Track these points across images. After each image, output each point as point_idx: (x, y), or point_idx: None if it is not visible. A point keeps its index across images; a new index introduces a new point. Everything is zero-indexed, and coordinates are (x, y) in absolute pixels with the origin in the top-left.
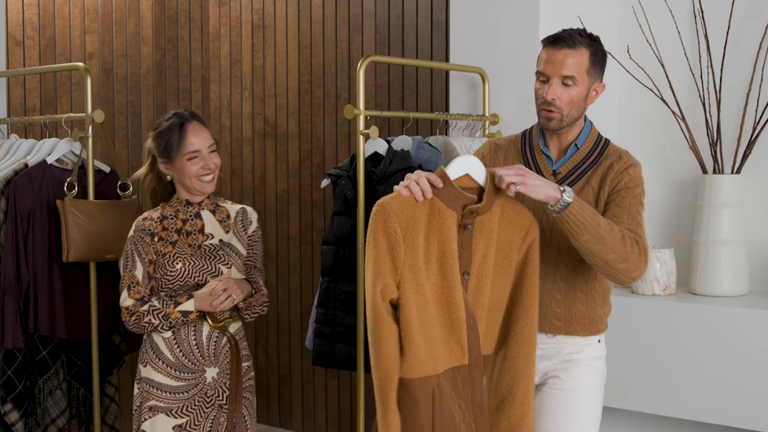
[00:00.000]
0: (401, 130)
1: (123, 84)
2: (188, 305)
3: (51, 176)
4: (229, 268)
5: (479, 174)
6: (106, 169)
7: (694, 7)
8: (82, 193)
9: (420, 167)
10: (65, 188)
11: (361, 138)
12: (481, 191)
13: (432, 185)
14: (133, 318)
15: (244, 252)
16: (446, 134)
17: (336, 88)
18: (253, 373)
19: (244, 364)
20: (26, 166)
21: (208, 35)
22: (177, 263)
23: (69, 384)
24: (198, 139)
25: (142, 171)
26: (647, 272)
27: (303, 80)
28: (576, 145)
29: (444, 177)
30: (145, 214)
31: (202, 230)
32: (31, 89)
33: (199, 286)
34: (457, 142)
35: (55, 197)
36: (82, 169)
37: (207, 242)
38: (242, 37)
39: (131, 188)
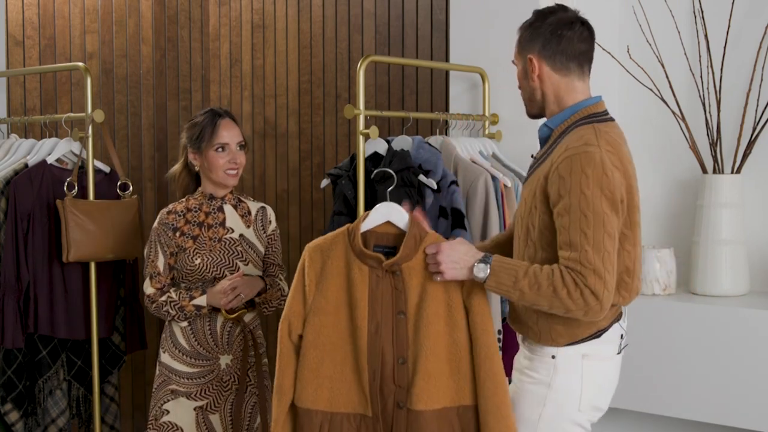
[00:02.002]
0: (401, 130)
1: (123, 84)
2: (201, 300)
3: (51, 176)
4: (246, 264)
5: (400, 220)
6: (106, 169)
7: (694, 7)
8: (82, 193)
9: (420, 167)
10: (65, 188)
11: (361, 138)
12: (402, 236)
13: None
14: (153, 305)
15: (261, 249)
16: (446, 134)
17: (336, 88)
18: (266, 359)
19: (260, 351)
20: (26, 166)
21: (208, 35)
22: (196, 259)
23: (69, 384)
24: (229, 133)
25: (177, 167)
26: (647, 272)
27: (303, 80)
28: (547, 125)
29: (354, 232)
30: (170, 207)
31: (223, 224)
32: (31, 89)
33: (216, 279)
34: (457, 141)
35: (55, 197)
36: (82, 169)
37: (227, 236)
38: (242, 37)
39: (131, 188)
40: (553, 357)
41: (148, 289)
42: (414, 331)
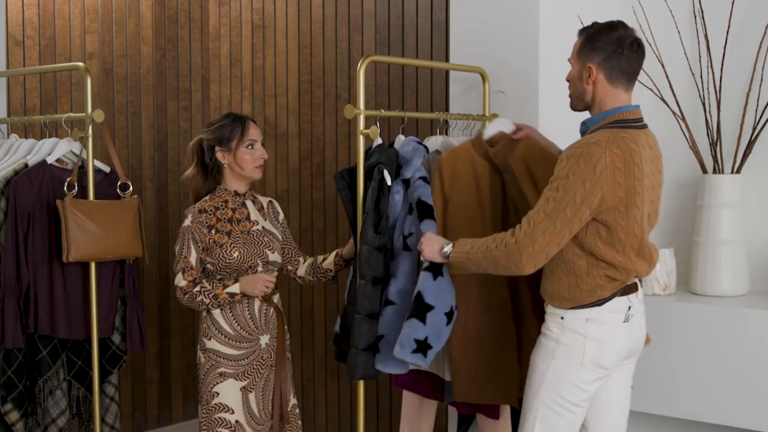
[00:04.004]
0: (402, 129)
1: (123, 84)
2: (234, 288)
3: (51, 176)
4: (273, 252)
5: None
6: (106, 169)
7: (694, 7)
8: (82, 193)
9: (399, 165)
10: (65, 188)
11: (361, 138)
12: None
13: None
14: (186, 296)
15: (279, 236)
16: (446, 134)
17: (336, 88)
18: (289, 335)
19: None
20: (26, 166)
21: (208, 35)
22: (234, 252)
23: (69, 384)
24: (256, 131)
25: (191, 171)
26: None
27: (303, 80)
28: (585, 123)
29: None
30: (199, 206)
31: (248, 218)
32: (31, 89)
33: (251, 268)
34: (458, 142)
35: (55, 197)
36: (82, 169)
37: (254, 228)
38: (242, 37)
39: (131, 188)
40: (562, 318)
41: (181, 282)
42: None
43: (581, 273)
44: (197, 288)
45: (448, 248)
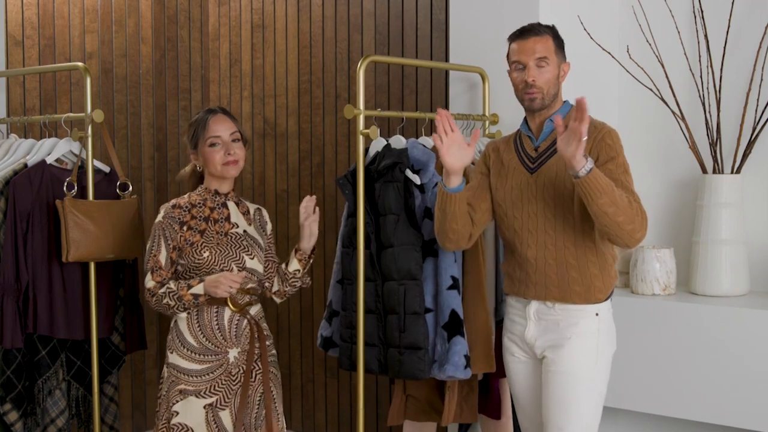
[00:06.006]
0: (402, 130)
1: (122, 84)
2: (198, 289)
3: (50, 176)
4: (252, 258)
5: None
6: (106, 169)
7: (694, 7)
8: (82, 193)
9: (411, 167)
10: (65, 188)
11: (361, 138)
12: None
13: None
14: (154, 299)
15: (263, 245)
16: None
17: (336, 88)
18: (274, 350)
19: (266, 343)
20: (26, 165)
21: (207, 35)
22: (204, 252)
23: (68, 384)
24: (220, 127)
25: (187, 169)
26: (647, 272)
27: (303, 80)
28: (551, 119)
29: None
30: (174, 202)
31: (228, 219)
32: (30, 89)
33: (223, 272)
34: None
35: (54, 197)
36: (82, 168)
37: (233, 230)
38: (242, 37)
39: (131, 188)
40: (597, 314)
41: (149, 282)
42: None
43: (610, 260)
44: (163, 289)
45: (590, 164)
